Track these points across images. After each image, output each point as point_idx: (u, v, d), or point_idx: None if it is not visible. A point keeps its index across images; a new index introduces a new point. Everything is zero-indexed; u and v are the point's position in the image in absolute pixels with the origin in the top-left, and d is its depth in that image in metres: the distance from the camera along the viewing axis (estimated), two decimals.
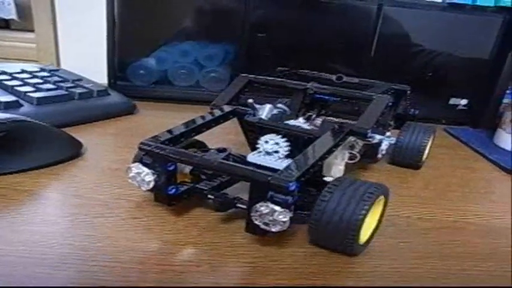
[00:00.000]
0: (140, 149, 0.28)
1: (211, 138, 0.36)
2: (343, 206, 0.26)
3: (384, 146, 0.42)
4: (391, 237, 0.31)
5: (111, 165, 0.38)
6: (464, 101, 0.61)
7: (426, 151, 0.44)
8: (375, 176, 0.42)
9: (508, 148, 0.52)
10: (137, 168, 0.28)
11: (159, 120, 0.53)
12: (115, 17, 0.55)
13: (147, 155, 0.28)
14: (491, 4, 0.56)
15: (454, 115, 0.62)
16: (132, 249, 0.27)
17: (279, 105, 0.37)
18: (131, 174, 0.29)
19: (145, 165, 0.28)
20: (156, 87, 0.59)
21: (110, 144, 0.44)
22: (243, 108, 0.35)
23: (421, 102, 0.51)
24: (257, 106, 0.35)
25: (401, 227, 0.33)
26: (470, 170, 0.46)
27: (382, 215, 0.30)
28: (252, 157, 0.31)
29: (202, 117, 0.34)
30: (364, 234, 0.28)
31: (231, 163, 0.27)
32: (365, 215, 0.25)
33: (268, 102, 0.36)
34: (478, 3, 0.56)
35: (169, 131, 0.31)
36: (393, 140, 0.43)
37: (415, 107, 0.48)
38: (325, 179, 0.29)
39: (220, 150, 0.29)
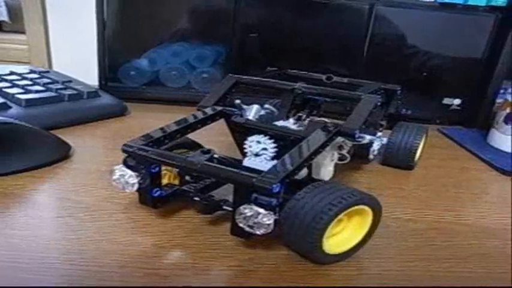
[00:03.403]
0: (123, 150, 0.28)
1: (200, 139, 0.36)
2: (306, 211, 0.24)
3: (376, 146, 0.42)
4: (381, 239, 0.30)
5: (99, 168, 0.38)
6: (457, 101, 0.61)
7: (418, 151, 0.44)
8: (366, 177, 0.41)
9: (502, 148, 0.51)
10: (121, 170, 0.28)
11: (151, 121, 0.52)
12: (105, 18, 0.55)
13: (130, 157, 0.28)
14: (483, 3, 0.56)
15: (448, 115, 0.62)
16: (115, 253, 0.26)
17: (266, 105, 0.36)
18: (115, 177, 0.28)
19: (128, 167, 0.28)
20: (147, 88, 0.59)
21: (99, 146, 0.44)
22: (230, 109, 0.35)
23: (414, 102, 0.51)
24: (244, 107, 0.34)
25: (392, 229, 0.32)
26: (464, 170, 0.46)
27: (372, 228, 0.28)
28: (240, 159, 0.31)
29: (189, 118, 0.33)
30: (337, 244, 0.26)
31: (215, 165, 0.27)
32: (327, 223, 0.24)
33: (256, 103, 0.35)
34: (469, 2, 0.56)
35: (153, 133, 0.30)
36: (384, 140, 0.42)
37: (407, 106, 0.48)
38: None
39: (205, 152, 0.28)
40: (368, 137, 0.36)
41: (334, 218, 0.24)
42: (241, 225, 0.25)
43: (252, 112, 0.34)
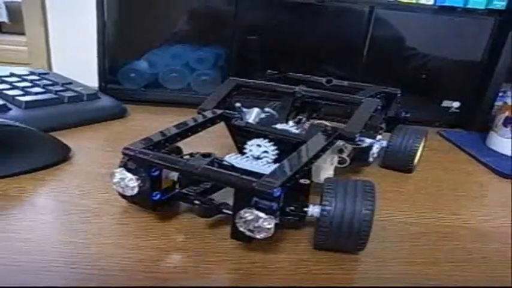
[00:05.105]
0: (124, 154, 0.28)
1: (200, 142, 0.36)
2: (351, 205, 0.26)
3: (375, 149, 0.42)
4: (381, 242, 0.31)
5: (99, 170, 0.38)
6: (456, 104, 0.61)
7: (418, 154, 0.44)
8: None
9: (501, 151, 0.51)
10: (121, 173, 0.28)
11: (150, 123, 0.52)
12: (105, 20, 0.55)
13: (130, 160, 0.28)
14: (483, 7, 0.56)
15: (447, 118, 0.62)
16: (115, 256, 0.26)
17: (267, 109, 0.36)
18: (115, 180, 0.28)
19: (129, 170, 0.28)
20: (147, 90, 0.59)
21: (98, 148, 0.44)
22: (231, 112, 0.35)
23: (413, 105, 0.51)
24: (244, 110, 0.34)
25: (391, 232, 0.32)
26: (463, 173, 0.46)
27: None
28: (231, 159, 0.31)
29: (189, 121, 0.33)
30: None
31: (215, 169, 0.27)
32: (374, 208, 0.26)
33: (257, 106, 0.35)
34: (469, 5, 0.56)
35: (153, 136, 0.30)
36: (384, 143, 0.42)
37: (407, 109, 0.48)
38: (300, 181, 0.29)
39: (205, 156, 0.28)
40: (368, 141, 0.36)
41: (375, 204, 0.26)
42: (241, 229, 0.25)
43: (252, 115, 0.34)
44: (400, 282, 0.27)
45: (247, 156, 0.32)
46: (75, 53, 0.79)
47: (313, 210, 0.27)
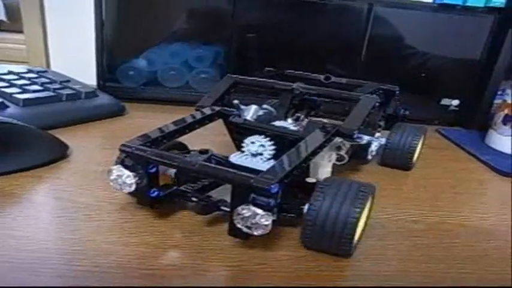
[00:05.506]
0: (121, 150, 0.28)
1: (198, 139, 0.36)
2: (337, 207, 0.25)
3: (374, 147, 0.42)
4: (379, 240, 0.31)
5: (97, 168, 0.38)
6: (455, 102, 0.61)
7: (416, 152, 0.44)
8: (364, 178, 0.41)
9: (500, 149, 0.51)
10: (118, 170, 0.28)
11: (149, 121, 0.52)
12: (103, 18, 0.54)
13: (128, 157, 0.28)
14: (482, 4, 0.56)
15: (446, 116, 0.62)
16: (113, 253, 0.26)
17: (265, 106, 0.36)
18: (112, 177, 0.28)
19: (126, 167, 0.28)
20: (145, 88, 0.59)
21: (96, 146, 0.44)
22: (228, 109, 0.35)
23: (412, 103, 0.51)
24: (242, 107, 0.34)
25: (390, 229, 0.32)
26: (462, 171, 0.46)
27: (369, 215, 0.30)
28: (236, 158, 0.31)
29: (187, 118, 0.33)
30: (357, 234, 0.27)
31: (213, 165, 0.27)
32: (360, 215, 0.25)
33: (254, 103, 0.35)
34: (468, 3, 0.56)
35: (151, 133, 0.30)
36: (383, 140, 0.42)
37: (406, 107, 0.48)
38: (307, 180, 0.29)
39: (203, 152, 0.28)
40: (366, 138, 0.36)
41: (363, 210, 0.26)
42: (239, 226, 0.25)
43: (250, 112, 0.34)
44: (398, 279, 0.27)
45: (251, 155, 0.32)
46: (73, 51, 0.79)
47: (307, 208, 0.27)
